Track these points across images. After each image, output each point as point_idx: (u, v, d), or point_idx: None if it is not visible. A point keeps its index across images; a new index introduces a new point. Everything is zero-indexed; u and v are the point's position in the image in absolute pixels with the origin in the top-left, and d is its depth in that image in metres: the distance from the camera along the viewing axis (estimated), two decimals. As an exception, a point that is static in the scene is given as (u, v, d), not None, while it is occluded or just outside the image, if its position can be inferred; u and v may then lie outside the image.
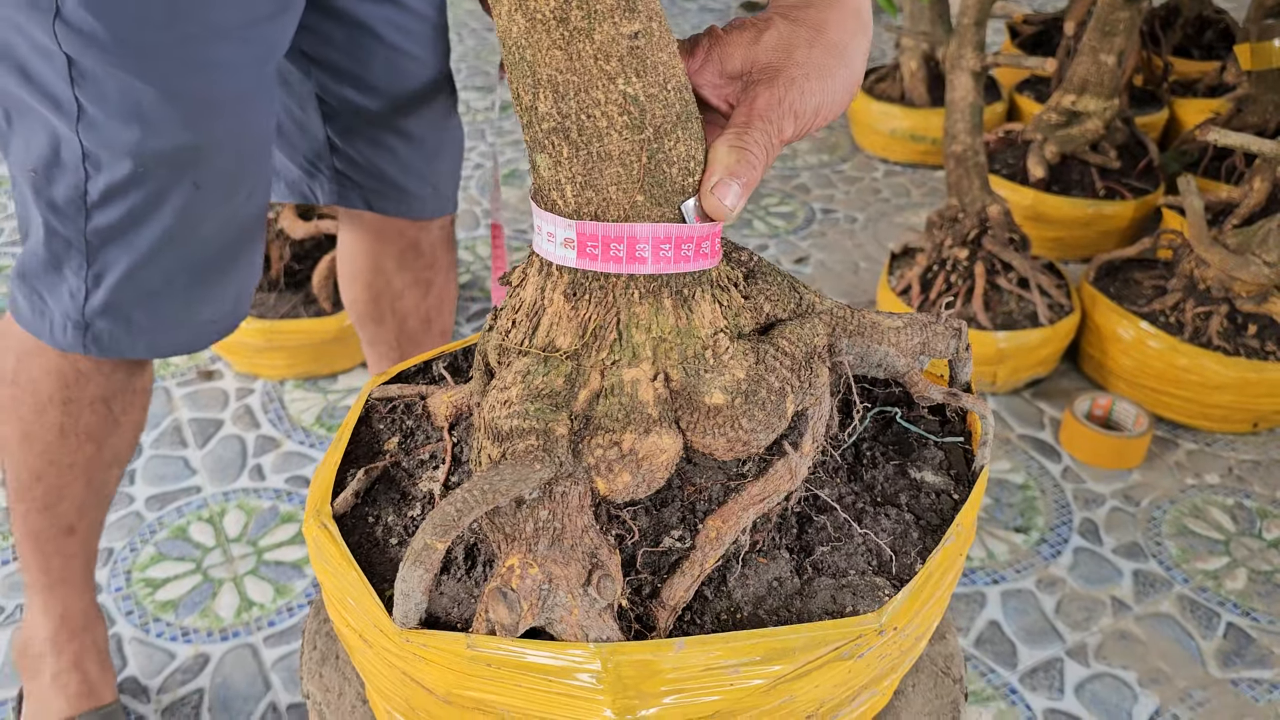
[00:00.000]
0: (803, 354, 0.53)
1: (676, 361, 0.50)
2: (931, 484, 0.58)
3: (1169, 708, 1.20)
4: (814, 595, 0.51)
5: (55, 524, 1.01)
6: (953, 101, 1.70)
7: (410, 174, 1.08)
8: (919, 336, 0.58)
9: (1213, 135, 1.34)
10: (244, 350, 1.67)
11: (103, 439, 0.96)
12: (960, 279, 1.69)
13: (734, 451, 0.51)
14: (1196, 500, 1.51)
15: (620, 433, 0.49)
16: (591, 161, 0.47)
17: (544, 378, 0.50)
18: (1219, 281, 1.59)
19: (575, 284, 0.50)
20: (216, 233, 0.86)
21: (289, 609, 1.30)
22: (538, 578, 0.47)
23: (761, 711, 0.48)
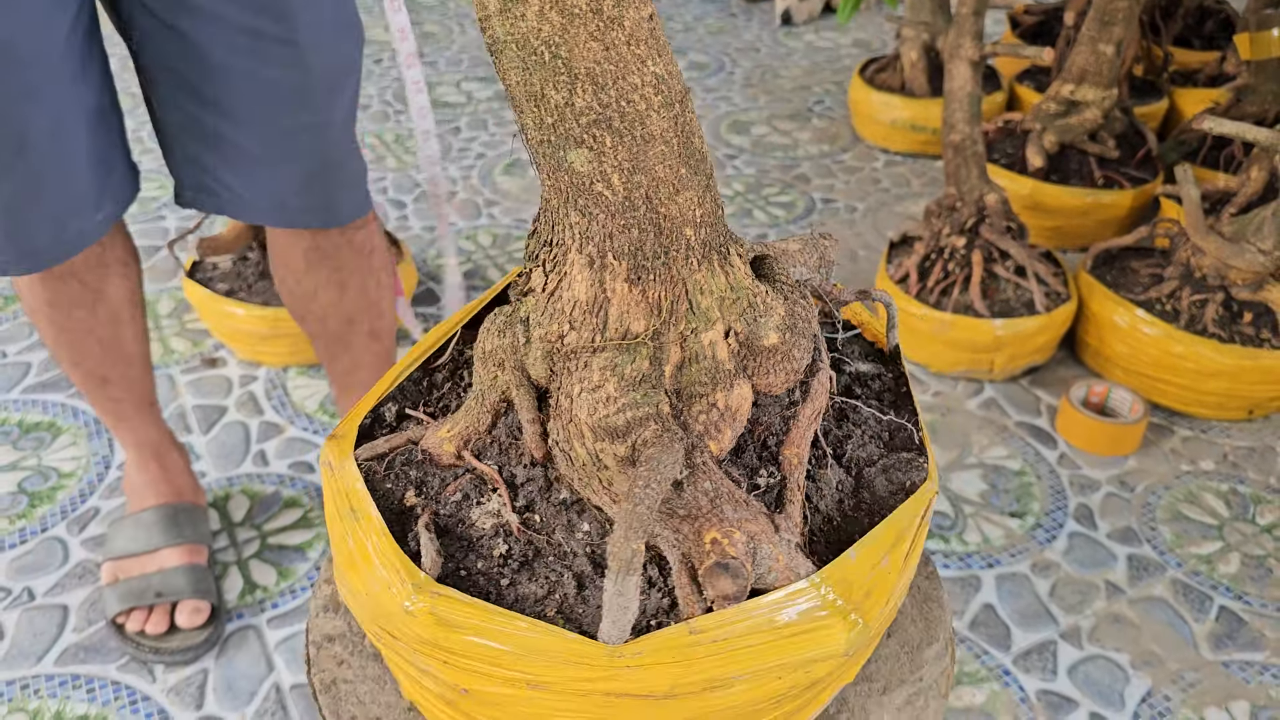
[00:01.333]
0: (792, 281, 0.57)
1: (738, 315, 0.54)
2: (867, 371, 0.66)
3: (1161, 689, 1.21)
4: (871, 484, 0.58)
5: (90, 378, 1.21)
6: (951, 91, 1.70)
7: (253, 185, 1.07)
8: (816, 253, 0.63)
9: (1208, 124, 1.35)
10: (247, 338, 1.69)
11: (91, 304, 1.13)
12: (958, 267, 1.71)
13: (788, 382, 0.56)
14: (1191, 486, 1.52)
15: (713, 394, 0.53)
16: (637, 145, 0.48)
17: (632, 365, 0.51)
18: (1215, 269, 1.60)
19: (637, 267, 0.51)
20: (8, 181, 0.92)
21: (292, 591, 1.32)
22: (743, 540, 0.49)
23: (904, 582, 0.55)
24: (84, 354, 1.18)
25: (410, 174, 2.39)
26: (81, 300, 1.12)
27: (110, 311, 1.16)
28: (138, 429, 1.29)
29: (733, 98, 2.86)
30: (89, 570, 1.34)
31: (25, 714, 1.16)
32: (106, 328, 1.17)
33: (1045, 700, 1.20)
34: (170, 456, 1.34)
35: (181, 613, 1.22)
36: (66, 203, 0.98)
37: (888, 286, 1.75)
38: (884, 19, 3.01)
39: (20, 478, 1.48)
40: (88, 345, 1.17)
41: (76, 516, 1.42)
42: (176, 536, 1.27)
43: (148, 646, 1.20)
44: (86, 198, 1.00)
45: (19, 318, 1.83)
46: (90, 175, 0.99)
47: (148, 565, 1.25)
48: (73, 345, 1.17)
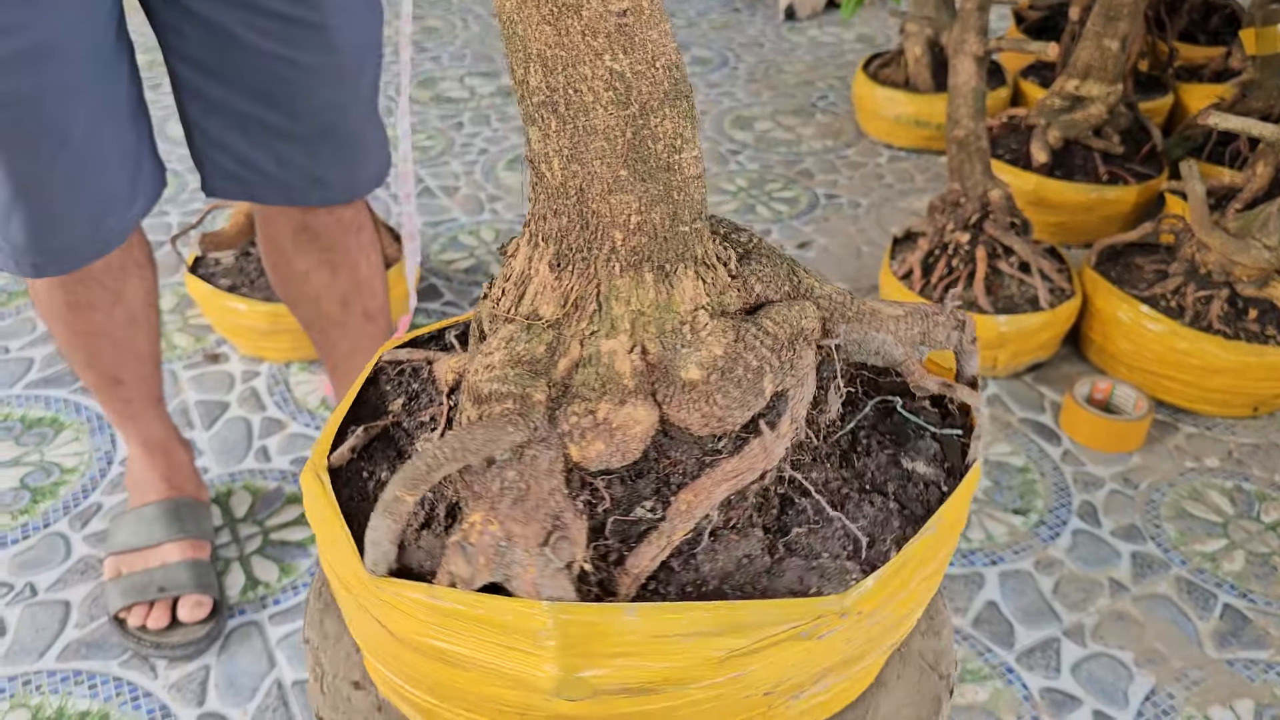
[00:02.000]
0: (786, 335, 0.53)
1: (654, 335, 0.51)
2: (922, 474, 0.58)
3: (1164, 687, 1.21)
4: (782, 574, 0.52)
5: (103, 379, 1.22)
6: (955, 86, 1.70)
7: (286, 166, 1.09)
8: (919, 326, 0.57)
9: (1214, 120, 1.34)
10: (249, 334, 1.69)
11: (109, 307, 1.14)
12: (961, 263, 1.70)
13: (709, 427, 0.51)
14: (1195, 483, 1.52)
15: (596, 402, 0.50)
16: (578, 135, 0.48)
17: (526, 345, 0.52)
18: (1220, 266, 1.60)
19: (560, 255, 0.52)
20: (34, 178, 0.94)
21: (294, 588, 1.32)
22: (496, 534, 0.48)
23: (714, 684, 0.48)
24: (99, 356, 1.19)
25: (413, 168, 2.38)
26: (100, 303, 1.13)
27: (127, 313, 1.17)
28: (146, 426, 1.29)
29: (736, 93, 2.85)
30: (91, 566, 1.34)
31: (27, 710, 1.16)
32: (123, 329, 1.17)
33: (1048, 698, 1.20)
34: (175, 452, 1.34)
35: (183, 607, 1.22)
36: (103, 200, 1.00)
37: (890, 282, 1.75)
38: (888, 14, 3.01)
39: (23, 473, 1.48)
40: (103, 347, 1.18)
41: (79, 512, 1.42)
42: (179, 531, 1.27)
43: (149, 642, 1.20)
44: (121, 194, 1.02)
45: (21, 313, 1.83)
46: (124, 171, 1.01)
47: (150, 560, 1.25)
48: (88, 348, 1.18)
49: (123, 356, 1.20)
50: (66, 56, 0.89)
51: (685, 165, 0.50)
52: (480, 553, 0.48)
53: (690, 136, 0.50)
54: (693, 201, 0.52)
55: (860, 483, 0.57)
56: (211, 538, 1.32)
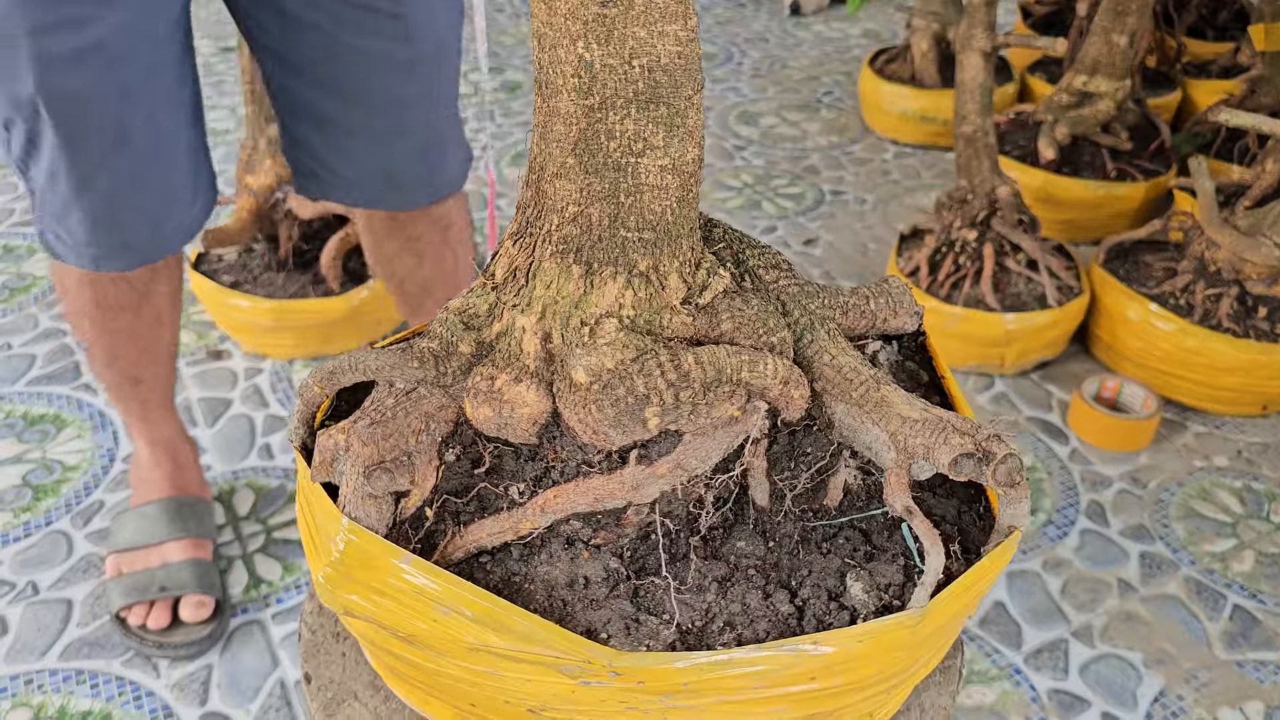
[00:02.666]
0: (704, 379, 0.49)
1: (559, 326, 0.52)
2: (852, 597, 0.51)
3: (1173, 689, 1.20)
4: (599, 609, 0.50)
5: (123, 378, 1.22)
6: (962, 82, 1.68)
7: (357, 165, 1.08)
8: (926, 438, 0.49)
9: (1223, 116, 1.33)
10: (252, 330, 1.68)
11: (137, 305, 1.14)
12: (969, 260, 1.69)
13: (586, 435, 0.51)
14: (1204, 483, 1.51)
15: (499, 370, 0.52)
16: (548, 115, 0.50)
17: (475, 299, 0.54)
18: (1229, 263, 1.58)
19: (520, 225, 0.54)
20: (95, 173, 0.95)
21: (297, 586, 1.31)
22: (339, 442, 0.51)
23: (469, 669, 0.49)
24: (120, 355, 1.19)
25: (416, 165, 2.38)
26: (129, 303, 1.13)
27: (154, 313, 1.17)
28: (157, 426, 1.29)
29: (741, 88, 2.84)
30: (93, 564, 1.33)
31: (29, 709, 1.16)
32: (148, 329, 1.18)
33: (1056, 699, 1.19)
34: (181, 451, 1.33)
35: (185, 607, 1.21)
36: (164, 200, 1.01)
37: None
38: (894, 9, 2.99)
39: (25, 470, 1.47)
40: (127, 347, 1.18)
41: (81, 510, 1.41)
42: (181, 530, 1.26)
43: (151, 641, 1.20)
44: (182, 196, 1.03)
45: (23, 310, 1.82)
46: (185, 172, 1.02)
47: (151, 559, 1.24)
48: (112, 347, 1.18)
49: (144, 357, 1.21)
50: (132, 55, 0.90)
51: (643, 171, 0.50)
52: (319, 452, 0.52)
53: (660, 144, 0.49)
54: (644, 210, 0.51)
55: (781, 574, 0.52)
56: (214, 536, 1.31)
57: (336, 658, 0.62)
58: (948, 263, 1.70)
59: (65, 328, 1.76)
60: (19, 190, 2.21)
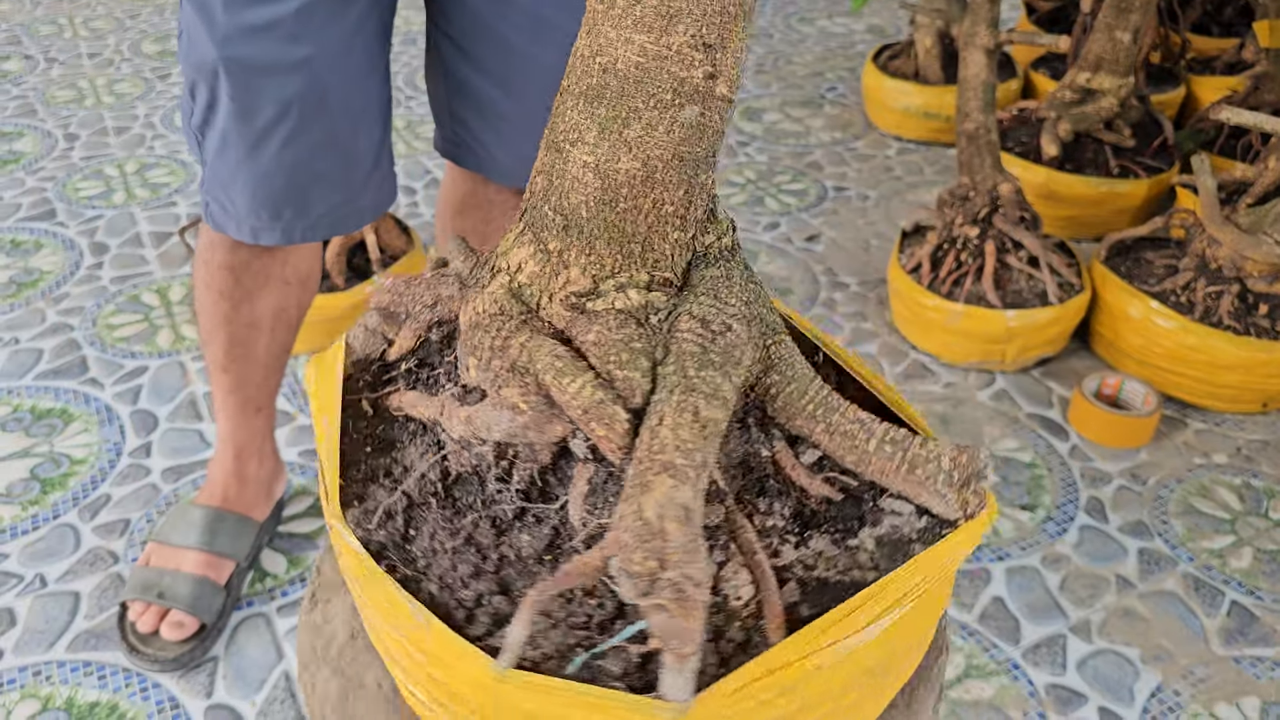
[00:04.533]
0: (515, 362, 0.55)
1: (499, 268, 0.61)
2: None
3: (1171, 684, 1.21)
4: None
5: (213, 361, 1.24)
6: (965, 79, 1.69)
7: (510, 150, 1.15)
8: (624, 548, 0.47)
9: (1225, 114, 1.33)
10: (258, 325, 1.69)
11: (237, 301, 1.17)
12: (970, 257, 1.69)
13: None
14: (1204, 480, 1.51)
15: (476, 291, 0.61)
16: None
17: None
18: (1231, 261, 1.59)
19: None
20: (262, 144, 0.99)
21: (302, 579, 1.32)
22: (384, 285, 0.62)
23: None
24: (211, 338, 1.21)
25: (420, 159, 2.38)
26: (229, 294, 1.16)
27: (252, 317, 1.19)
28: (236, 425, 1.29)
29: (745, 84, 2.84)
30: (100, 557, 1.34)
31: (37, 700, 1.17)
32: (242, 329, 1.19)
33: (1054, 694, 1.20)
34: (249, 464, 1.32)
35: (166, 622, 1.20)
36: (329, 186, 1.05)
37: (899, 277, 1.74)
38: (898, 5, 2.99)
39: (32, 464, 1.49)
40: (217, 333, 1.20)
41: (88, 503, 1.42)
42: (208, 544, 1.26)
43: (130, 641, 1.20)
44: (348, 187, 1.07)
45: (31, 304, 1.83)
46: (360, 164, 1.06)
47: (169, 561, 1.25)
48: (205, 326, 1.21)
49: (235, 350, 1.21)
50: (319, 37, 0.95)
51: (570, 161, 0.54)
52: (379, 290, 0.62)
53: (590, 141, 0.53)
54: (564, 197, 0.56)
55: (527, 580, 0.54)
56: (242, 559, 1.28)
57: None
58: (949, 259, 1.70)
59: (73, 323, 1.78)
60: (25, 185, 2.22)
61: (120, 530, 1.38)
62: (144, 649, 1.19)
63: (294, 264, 1.19)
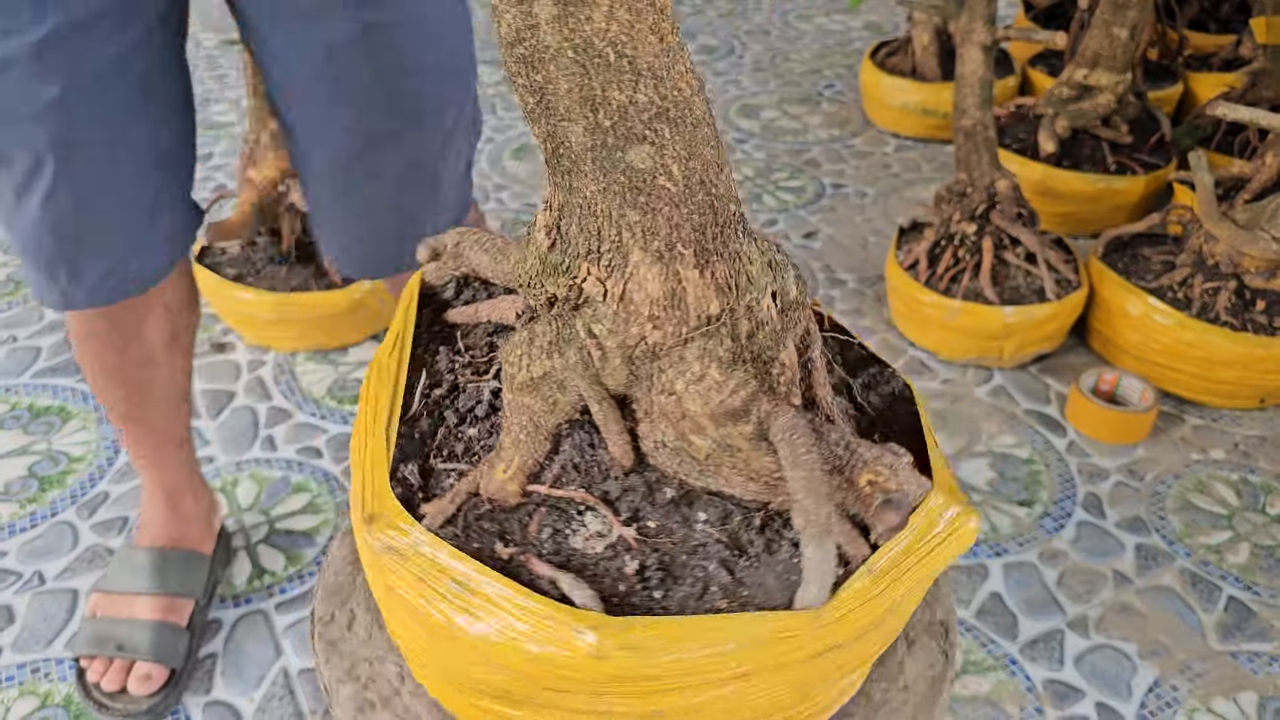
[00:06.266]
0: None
1: (774, 276, 0.58)
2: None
3: (1168, 679, 1.21)
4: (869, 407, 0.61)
5: (113, 416, 1.16)
6: (962, 76, 1.69)
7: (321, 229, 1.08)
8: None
9: (1221, 110, 1.33)
10: (255, 323, 1.69)
11: (122, 346, 1.07)
12: (968, 254, 1.70)
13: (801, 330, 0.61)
14: (1201, 475, 1.51)
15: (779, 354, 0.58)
16: (688, 131, 0.49)
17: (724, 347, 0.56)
18: (1228, 257, 1.59)
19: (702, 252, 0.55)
20: (28, 205, 0.90)
21: (300, 577, 1.32)
22: (891, 473, 0.53)
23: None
24: (109, 395, 1.13)
25: (419, 158, 2.38)
26: (111, 341, 1.07)
27: (143, 354, 1.10)
28: (155, 467, 1.22)
29: (742, 81, 2.84)
30: (99, 555, 1.34)
31: (36, 697, 1.17)
32: (135, 370, 1.11)
33: (1051, 690, 1.20)
34: (183, 501, 1.26)
35: (134, 676, 1.15)
36: (99, 242, 0.95)
37: (897, 274, 1.74)
38: (895, 2, 2.99)
39: (30, 462, 1.49)
40: (113, 385, 1.12)
41: (86, 501, 1.42)
42: (159, 586, 1.20)
43: (96, 699, 1.14)
44: (125, 241, 0.96)
45: (28, 302, 1.83)
46: (137, 219, 0.95)
47: (121, 610, 1.19)
48: (96, 381, 1.12)
49: (134, 398, 1.14)
50: (96, 108, 0.86)
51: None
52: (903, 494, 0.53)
53: None
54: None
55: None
56: (199, 596, 1.23)
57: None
58: (947, 256, 1.70)
59: (70, 320, 1.78)
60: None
61: (118, 528, 1.38)
62: (112, 705, 1.13)
63: (166, 291, 1.07)
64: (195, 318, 1.16)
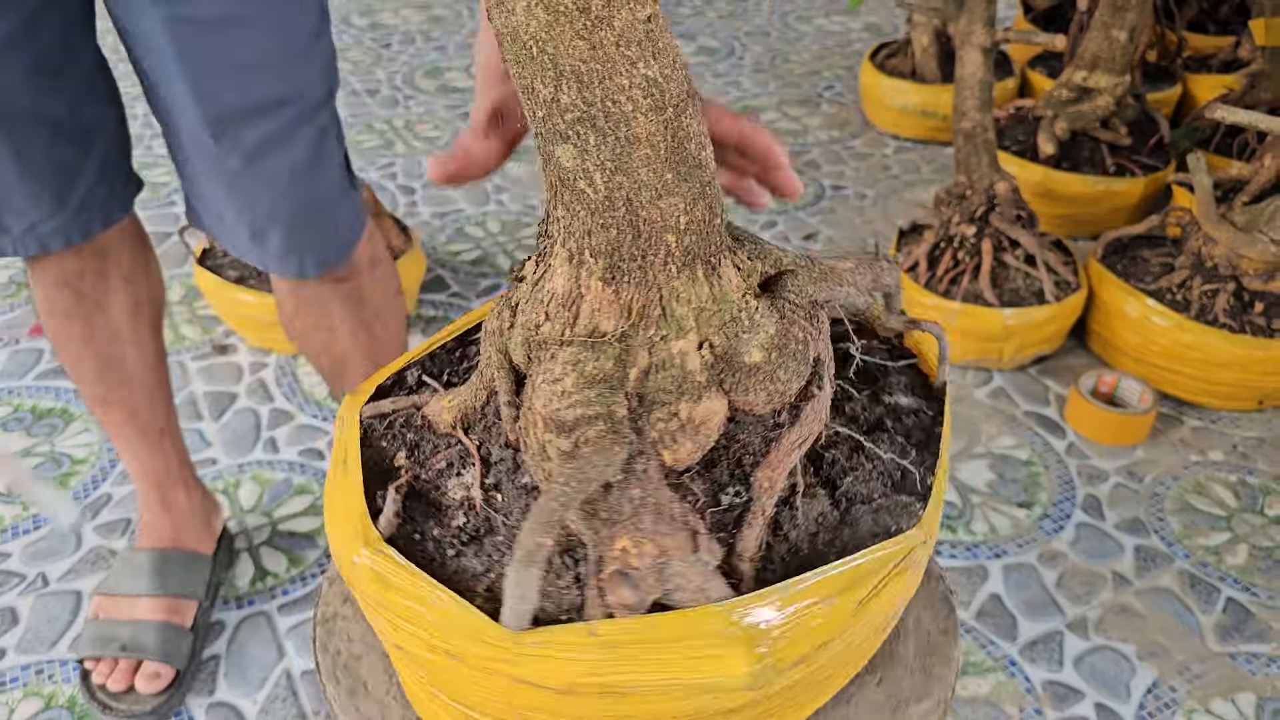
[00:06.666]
0: (806, 304, 0.55)
1: (717, 327, 0.52)
2: (906, 405, 0.63)
3: (1167, 680, 1.22)
4: (856, 523, 0.56)
5: (89, 397, 1.15)
6: (962, 78, 1.70)
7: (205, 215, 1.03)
8: (869, 274, 0.60)
9: (1220, 113, 1.34)
10: (257, 325, 1.70)
11: (87, 316, 1.08)
12: (967, 256, 1.70)
13: (772, 403, 0.54)
14: (1200, 477, 1.52)
15: (676, 404, 0.52)
16: (620, 146, 0.48)
17: (595, 363, 0.51)
18: (1226, 259, 1.60)
19: (611, 268, 0.51)
20: None
21: (302, 578, 1.33)
22: (653, 552, 0.49)
23: (853, 631, 0.53)
24: (80, 370, 1.13)
25: (419, 159, 2.39)
26: (76, 312, 1.07)
27: (110, 328, 1.10)
28: (141, 458, 1.21)
29: (742, 82, 2.85)
30: (102, 556, 1.35)
31: (40, 698, 1.18)
32: (104, 345, 1.11)
33: (1051, 691, 1.21)
34: (175, 495, 1.25)
35: (141, 675, 1.15)
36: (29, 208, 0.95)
37: (897, 275, 1.75)
38: (895, 3, 2.99)
39: (34, 464, 1.49)
40: (83, 361, 1.12)
41: (89, 503, 1.43)
42: (160, 587, 1.20)
43: (101, 700, 1.15)
44: (51, 208, 0.96)
45: (30, 304, 1.84)
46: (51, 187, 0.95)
47: (124, 611, 1.19)
48: (68, 359, 1.12)
49: (106, 375, 1.13)
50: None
51: (708, 160, 0.51)
52: (647, 575, 0.49)
53: (705, 131, 0.51)
54: (719, 194, 0.53)
55: (859, 425, 0.61)
56: (201, 597, 1.23)
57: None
58: (946, 258, 1.71)
59: (72, 322, 1.78)
60: (25, 185, 2.22)
61: (121, 529, 1.38)
62: (117, 706, 1.14)
63: (123, 261, 1.08)
64: (158, 291, 1.15)
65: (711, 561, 0.50)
